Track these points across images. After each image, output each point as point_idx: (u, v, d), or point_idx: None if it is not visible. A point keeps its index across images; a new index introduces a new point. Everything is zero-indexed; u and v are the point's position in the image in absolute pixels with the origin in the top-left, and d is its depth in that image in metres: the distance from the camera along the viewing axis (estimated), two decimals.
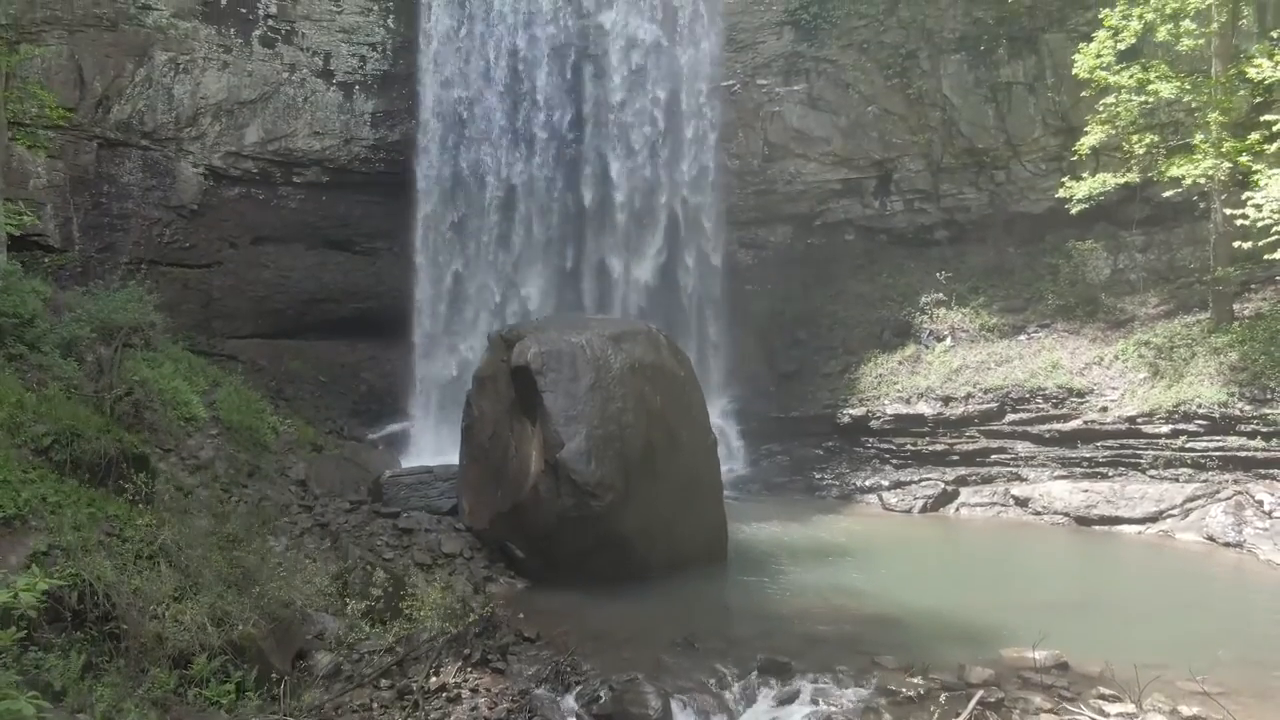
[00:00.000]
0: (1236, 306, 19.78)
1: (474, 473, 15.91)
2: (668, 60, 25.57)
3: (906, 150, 25.75)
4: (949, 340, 23.55)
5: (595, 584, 13.92)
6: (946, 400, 21.56)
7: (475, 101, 25.32)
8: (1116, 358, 20.45)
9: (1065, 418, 20.11)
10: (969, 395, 21.35)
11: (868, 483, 21.26)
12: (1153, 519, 17.56)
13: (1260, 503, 16.62)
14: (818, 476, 22.01)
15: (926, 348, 23.54)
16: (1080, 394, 20.15)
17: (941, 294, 24.58)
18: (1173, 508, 17.50)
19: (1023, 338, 22.87)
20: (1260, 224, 15.27)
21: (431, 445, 22.73)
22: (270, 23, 23.77)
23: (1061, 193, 19.91)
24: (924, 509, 19.80)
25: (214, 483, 14.44)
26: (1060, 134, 23.84)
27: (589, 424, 14.01)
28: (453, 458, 19.92)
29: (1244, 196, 16.10)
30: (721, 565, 15.22)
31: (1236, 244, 17.42)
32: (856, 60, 25.53)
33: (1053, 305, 23.19)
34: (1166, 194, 19.68)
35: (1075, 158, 20.62)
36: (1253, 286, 20.54)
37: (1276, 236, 15.08)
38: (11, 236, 20.59)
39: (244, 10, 23.40)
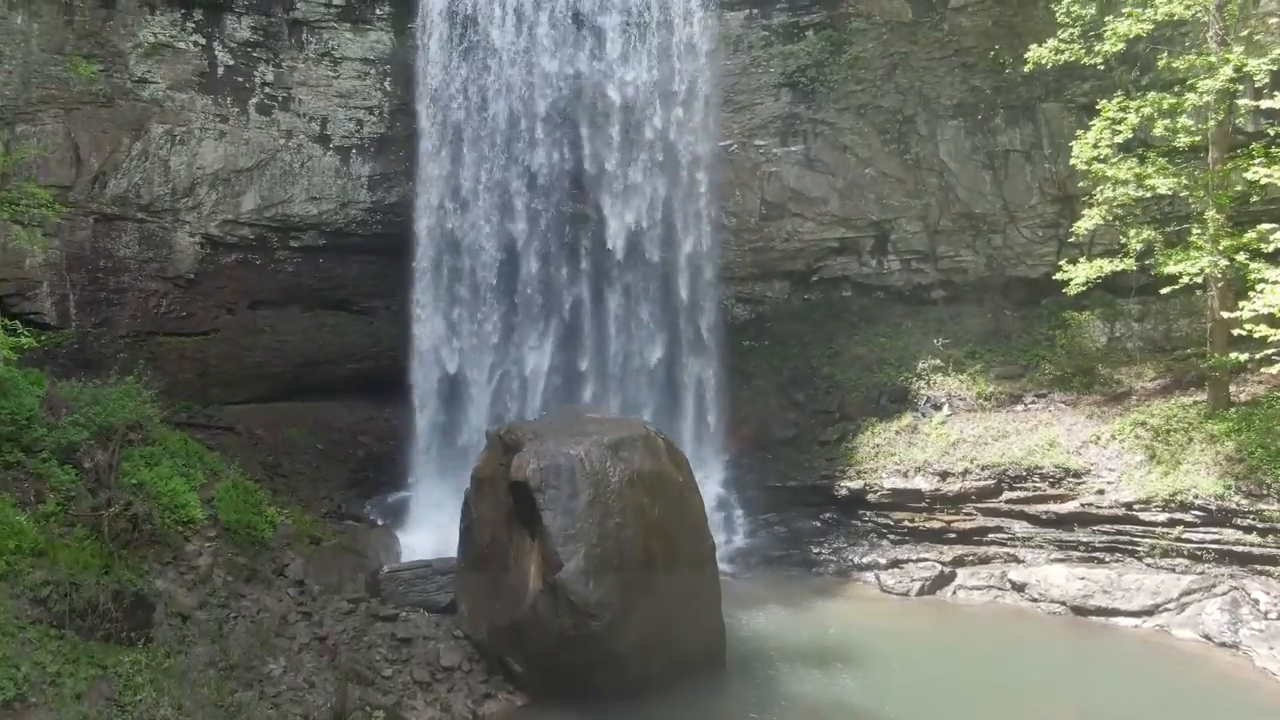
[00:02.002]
0: (1234, 388, 19.82)
1: (472, 577, 15.93)
2: (667, 122, 25.53)
3: (904, 212, 25.78)
4: (946, 408, 23.59)
5: (595, 700, 14.03)
6: (944, 475, 21.58)
7: (473, 162, 25.26)
8: (1114, 437, 20.49)
9: (1062, 498, 20.14)
10: (966, 471, 21.36)
11: (865, 560, 21.29)
12: (1149, 612, 17.59)
13: (1256, 601, 16.69)
14: (815, 551, 22.03)
15: (924, 416, 23.56)
16: (1077, 474, 20.17)
17: (938, 360, 24.61)
18: (1169, 601, 17.54)
19: (1020, 408, 22.92)
20: (1258, 335, 15.31)
21: (429, 518, 22.77)
22: (267, 90, 23.73)
23: (1059, 275, 19.91)
24: (921, 592, 19.83)
25: (211, 598, 14.42)
26: (1057, 202, 23.91)
27: (587, 542, 14.05)
28: (450, 530, 20.12)
29: (1239, 306, 16.15)
30: (720, 672, 15.26)
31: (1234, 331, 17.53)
32: (854, 124, 25.54)
33: (1050, 375, 23.22)
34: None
35: (1073, 239, 20.61)
36: (1250, 365, 20.58)
37: (1274, 350, 15.12)
38: (8, 314, 20.63)
39: (240, 79, 23.36)
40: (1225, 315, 17.15)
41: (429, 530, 22.46)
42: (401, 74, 25.15)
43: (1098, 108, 18.82)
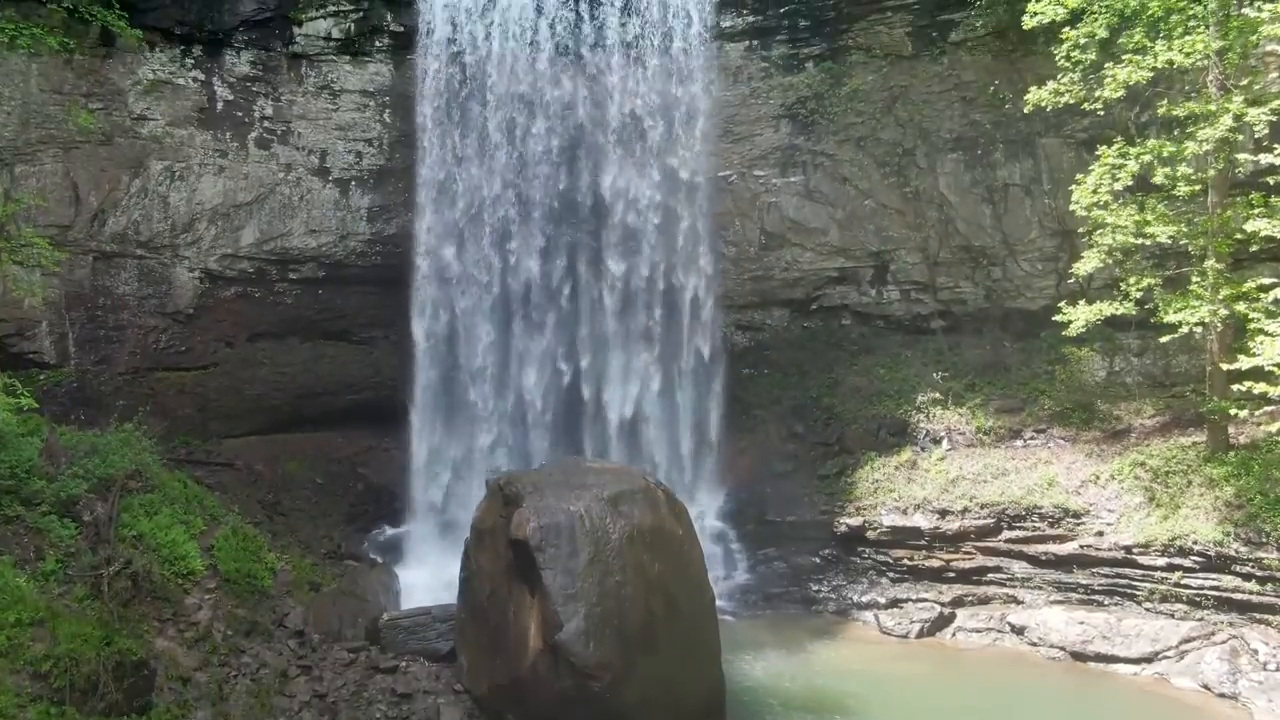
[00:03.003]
0: (1233, 429, 19.81)
1: (472, 630, 15.93)
2: (668, 153, 25.50)
3: (903, 243, 25.79)
4: (945, 443, 23.61)
5: None
6: (943, 513, 21.58)
7: (473, 192, 25.24)
8: (1113, 477, 20.51)
9: (1061, 539, 20.16)
10: (965, 509, 21.36)
11: (864, 599, 21.30)
12: (1148, 660, 17.61)
13: (1255, 651, 16.73)
14: (814, 588, 22.03)
15: (923, 450, 23.58)
16: (1076, 515, 20.19)
17: (937, 392, 24.64)
18: (1168, 649, 17.56)
19: (1019, 444, 22.93)
20: (1256, 391, 15.35)
21: (428, 553, 22.83)
22: (266, 124, 23.71)
23: (1059, 317, 19.90)
24: (920, 634, 19.83)
25: (212, 656, 14.44)
26: (1056, 236, 23.93)
27: (588, 601, 14.07)
28: (448, 565, 20.15)
29: (1238, 357, 16.18)
30: None
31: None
32: (853, 155, 25.53)
33: (1049, 410, 23.23)
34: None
35: (1072, 278, 20.60)
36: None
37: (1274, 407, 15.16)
38: (7, 353, 20.64)
39: (239, 114, 23.34)
40: (1225, 367, 17.15)
41: (428, 566, 22.53)
42: (401, 105, 25.12)
43: (1098, 153, 18.79)
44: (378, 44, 24.72)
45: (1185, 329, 17.27)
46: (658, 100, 25.25)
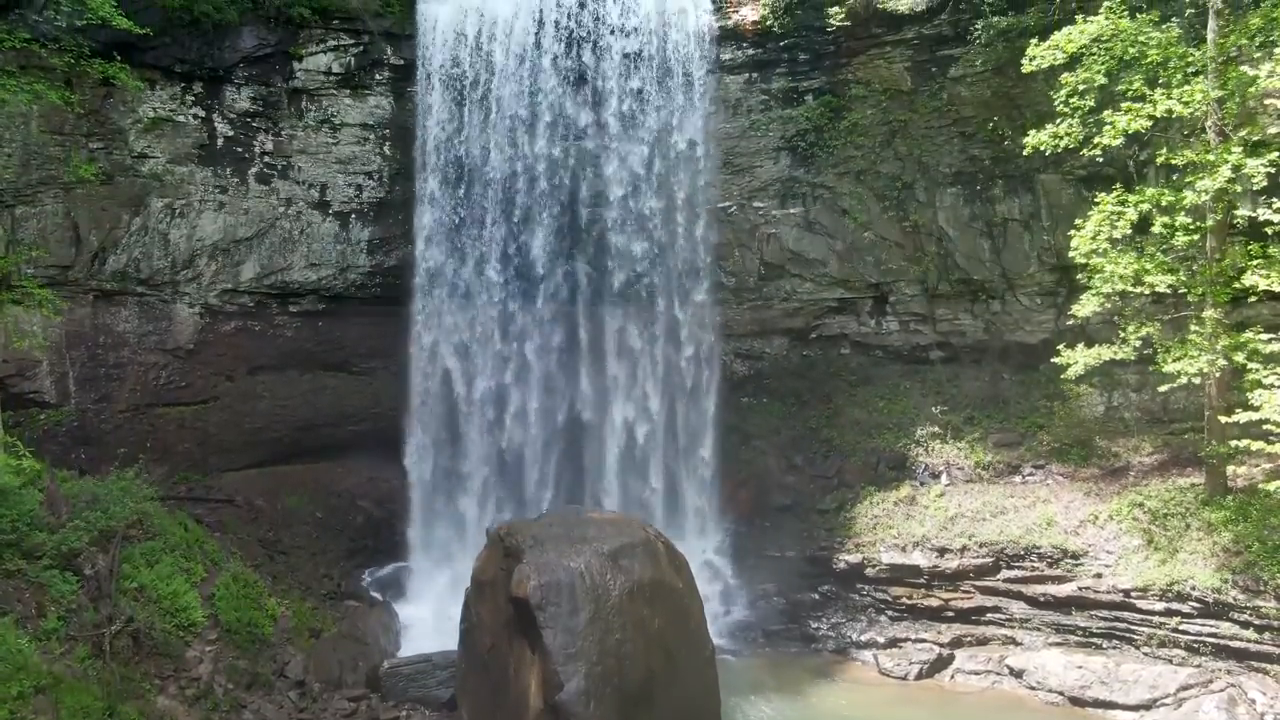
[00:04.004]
0: (1231, 469, 19.82)
1: (473, 681, 16.00)
2: (666, 183, 25.54)
3: (902, 275, 25.82)
4: (944, 478, 23.70)
5: None
6: (942, 552, 21.65)
7: (472, 225, 25.27)
8: (1111, 518, 20.56)
9: (1060, 579, 20.23)
10: (964, 548, 21.42)
11: (863, 638, 21.37)
12: (1146, 707, 17.68)
13: (1253, 701, 16.81)
14: (814, 626, 22.10)
15: (922, 485, 23.67)
16: (1075, 556, 20.26)
17: (937, 426, 24.72)
18: (1166, 696, 17.62)
19: (1017, 480, 23.03)
20: (1254, 448, 15.40)
21: (427, 589, 22.91)
22: (266, 159, 23.72)
23: (1058, 360, 19.94)
24: (919, 675, 19.90)
25: (213, 713, 14.49)
26: (1055, 271, 23.94)
27: (588, 660, 14.13)
28: (446, 600, 20.29)
29: (1236, 415, 16.25)
30: None
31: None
32: (853, 188, 25.55)
33: (1047, 446, 23.31)
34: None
35: (1072, 321, 20.63)
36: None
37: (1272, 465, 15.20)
38: (7, 393, 20.67)
39: (240, 149, 23.35)
40: (1223, 419, 17.20)
41: (428, 601, 22.66)
42: (401, 138, 25.13)
43: (1097, 200, 18.83)
44: (378, 77, 24.74)
45: (1184, 379, 17.29)
46: (658, 129, 25.29)
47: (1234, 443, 16.33)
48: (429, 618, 21.78)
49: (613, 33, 24.83)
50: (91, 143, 21.19)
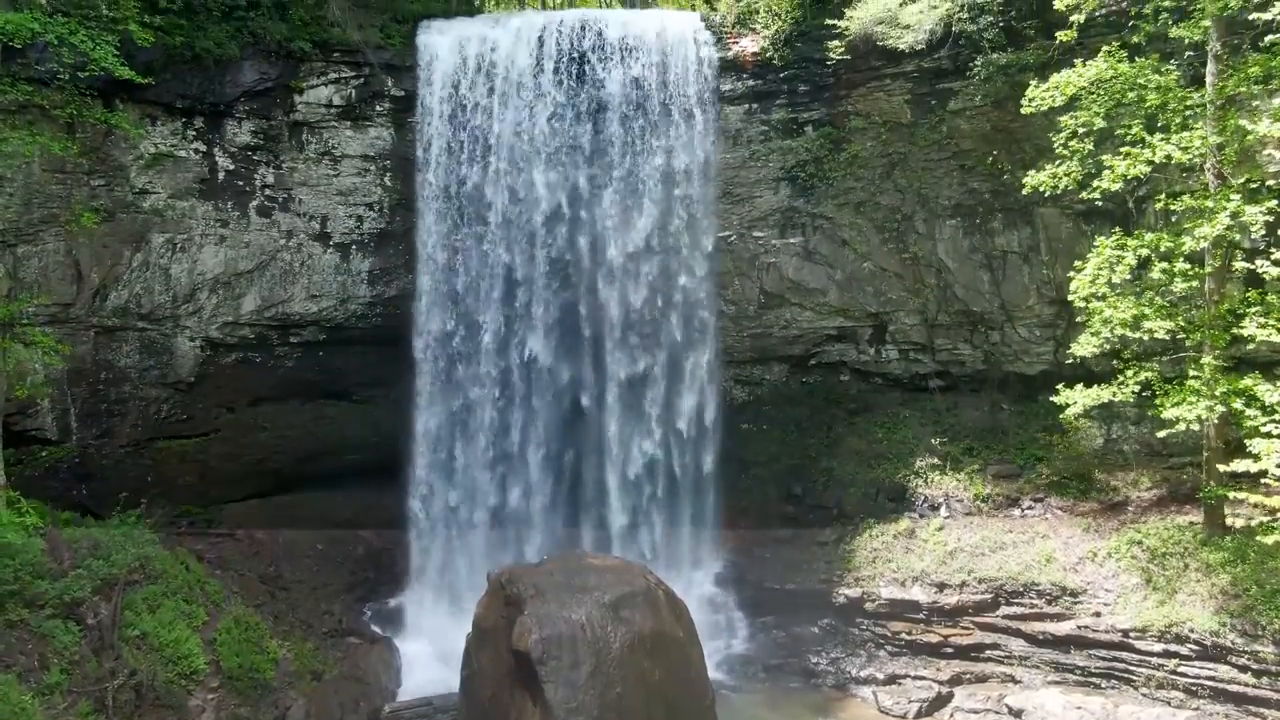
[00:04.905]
0: (1229, 509, 19.89)
1: None
2: (667, 212, 25.56)
3: (901, 306, 25.86)
4: (944, 510, 23.78)
5: None
6: (941, 587, 21.73)
7: (473, 257, 25.31)
8: (1110, 555, 20.65)
9: (1059, 617, 20.32)
10: (964, 584, 21.51)
11: (863, 673, 21.42)
12: None
13: None
14: (814, 660, 22.14)
15: (922, 517, 23.76)
16: (1074, 594, 20.34)
17: (936, 457, 24.80)
18: None
19: (1016, 513, 23.12)
20: (1252, 501, 15.46)
21: (428, 623, 23.00)
22: (267, 192, 23.76)
23: (1058, 399, 19.99)
24: (919, 714, 19.90)
25: None
26: (1054, 304, 24.01)
27: (589, 715, 14.29)
28: (447, 635, 20.36)
29: (1233, 463, 16.33)
30: None
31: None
32: (852, 219, 25.60)
33: (1046, 478, 23.39)
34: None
35: (1070, 360, 20.68)
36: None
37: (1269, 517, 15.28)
38: (9, 431, 20.72)
39: (240, 183, 23.39)
40: (1221, 469, 17.27)
41: (428, 634, 22.74)
42: (401, 168, 25.17)
43: (1096, 242, 18.92)
44: (378, 108, 24.77)
45: (1183, 426, 17.35)
46: (660, 160, 25.33)
47: (1232, 494, 16.34)
48: (429, 650, 21.89)
49: (613, 64, 24.91)
50: (93, 180, 21.22)
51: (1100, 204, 21.72)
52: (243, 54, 22.60)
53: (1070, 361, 21.14)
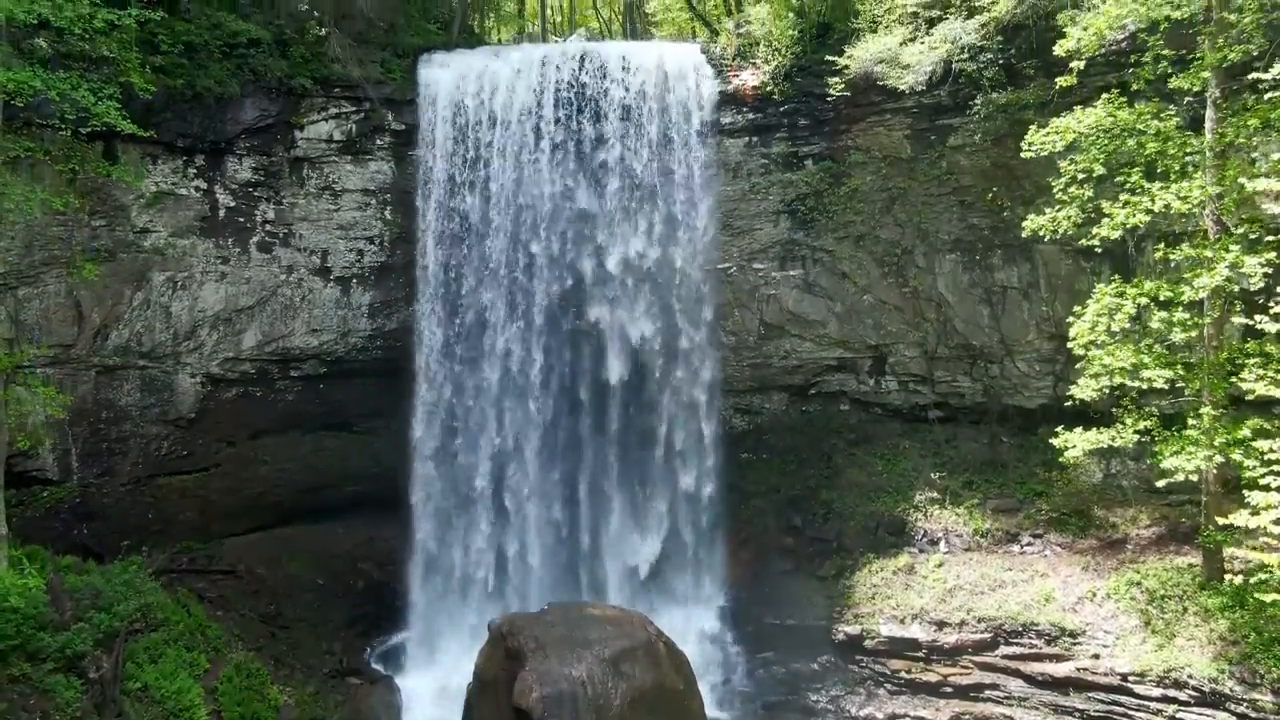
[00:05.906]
0: (1228, 555, 19.90)
1: None
2: (667, 245, 25.62)
3: (901, 338, 25.91)
4: (943, 545, 23.83)
5: None
6: (940, 625, 21.78)
7: (473, 287, 25.37)
8: (1109, 595, 20.68)
9: (1058, 658, 20.35)
10: (963, 622, 21.55)
11: (861, 713, 21.51)
12: None
13: None
14: (813, 698, 22.20)
15: (921, 552, 23.81)
16: (1073, 635, 20.36)
17: (935, 491, 24.86)
18: None
19: (1016, 549, 23.17)
20: (1251, 557, 15.51)
21: (429, 657, 23.07)
22: (268, 228, 23.81)
23: (1057, 442, 20.02)
24: None
25: None
26: (1054, 339, 24.04)
27: None
28: (448, 672, 20.42)
29: (1232, 516, 16.39)
30: None
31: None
32: (852, 252, 25.65)
33: (1046, 514, 23.44)
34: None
35: (1069, 403, 20.70)
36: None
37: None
38: (11, 472, 20.75)
39: (241, 219, 23.43)
40: (1220, 520, 17.32)
41: (428, 671, 22.82)
42: (401, 202, 25.26)
43: (1094, 289, 18.97)
44: (379, 143, 24.85)
45: (1181, 476, 17.39)
46: (659, 192, 25.38)
47: (1230, 551, 16.39)
48: (430, 687, 22.00)
49: (613, 96, 24.95)
50: (94, 221, 21.28)
51: (1099, 248, 21.85)
52: (243, 91, 22.66)
53: (1069, 402, 21.19)
